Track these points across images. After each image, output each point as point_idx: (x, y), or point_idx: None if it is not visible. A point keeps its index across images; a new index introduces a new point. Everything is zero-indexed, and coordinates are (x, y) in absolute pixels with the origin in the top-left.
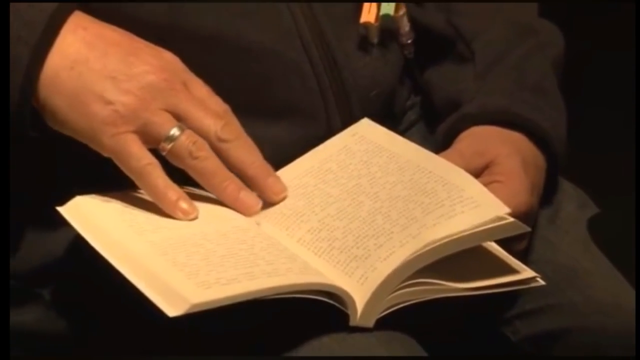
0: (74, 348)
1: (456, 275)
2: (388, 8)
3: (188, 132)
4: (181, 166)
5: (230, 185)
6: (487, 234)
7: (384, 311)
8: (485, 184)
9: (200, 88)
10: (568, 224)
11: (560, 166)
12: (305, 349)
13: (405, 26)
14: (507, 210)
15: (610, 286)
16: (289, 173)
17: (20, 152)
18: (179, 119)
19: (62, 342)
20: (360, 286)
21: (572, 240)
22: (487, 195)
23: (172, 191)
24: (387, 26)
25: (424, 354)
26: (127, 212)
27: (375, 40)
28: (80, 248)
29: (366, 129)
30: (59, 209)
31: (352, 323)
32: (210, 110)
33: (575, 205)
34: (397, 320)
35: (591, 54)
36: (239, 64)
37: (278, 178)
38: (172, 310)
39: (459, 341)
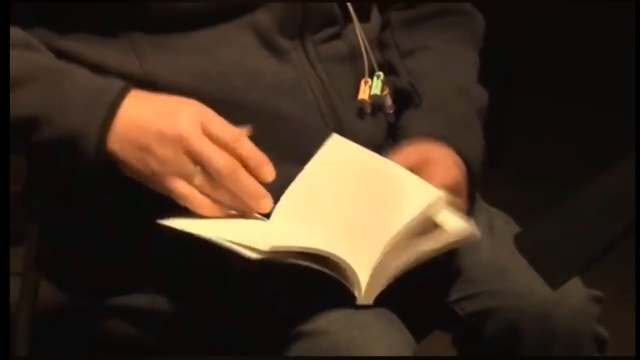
0: (172, 323)
1: (424, 242)
2: (377, 90)
3: (203, 174)
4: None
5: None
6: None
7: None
8: (423, 165)
9: (215, 125)
10: (499, 236)
11: (476, 179)
12: (322, 321)
13: (388, 101)
14: (440, 193)
15: (526, 279)
16: (295, 195)
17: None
18: (197, 162)
19: (167, 319)
20: (361, 276)
21: (501, 247)
22: (422, 184)
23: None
24: (376, 102)
25: (401, 325)
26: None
27: (368, 111)
28: (175, 249)
29: (336, 143)
30: (160, 221)
31: (358, 302)
32: (221, 143)
33: (502, 223)
34: (386, 303)
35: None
36: (276, 128)
37: (271, 166)
38: (254, 254)
39: (423, 315)
